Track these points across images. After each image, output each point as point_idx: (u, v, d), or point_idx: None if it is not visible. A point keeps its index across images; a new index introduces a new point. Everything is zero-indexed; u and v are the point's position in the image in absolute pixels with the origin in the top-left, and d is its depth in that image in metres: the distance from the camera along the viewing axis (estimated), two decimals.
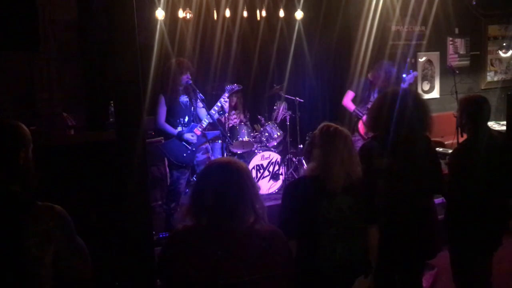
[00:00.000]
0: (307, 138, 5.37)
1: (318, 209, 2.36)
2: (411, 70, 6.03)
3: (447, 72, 7.35)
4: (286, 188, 2.58)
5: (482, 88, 8.24)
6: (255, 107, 7.09)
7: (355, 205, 2.40)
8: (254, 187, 1.94)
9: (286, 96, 6.52)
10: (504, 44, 8.26)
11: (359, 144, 5.64)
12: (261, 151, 5.98)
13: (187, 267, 1.82)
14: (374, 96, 5.64)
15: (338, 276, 2.40)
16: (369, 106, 5.67)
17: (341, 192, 2.38)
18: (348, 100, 5.76)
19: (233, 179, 1.88)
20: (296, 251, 2.35)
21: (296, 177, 6.26)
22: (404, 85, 5.60)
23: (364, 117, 5.50)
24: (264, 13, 6.72)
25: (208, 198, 1.86)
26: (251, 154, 5.95)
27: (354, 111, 5.68)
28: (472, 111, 3.05)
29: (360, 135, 5.68)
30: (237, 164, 1.95)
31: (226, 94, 4.99)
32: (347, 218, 2.38)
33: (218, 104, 4.89)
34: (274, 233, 1.95)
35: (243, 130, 6.06)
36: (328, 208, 2.36)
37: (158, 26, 5.89)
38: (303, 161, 6.07)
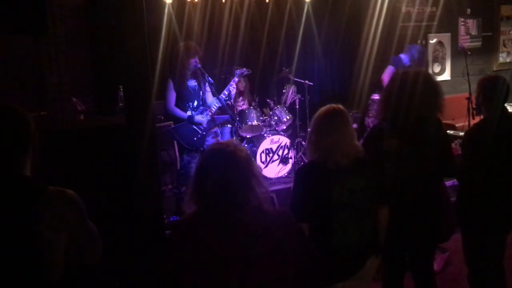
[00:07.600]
0: None
1: (330, 192, 2.35)
2: None
3: (458, 53, 7.26)
4: (297, 173, 2.58)
5: (494, 69, 8.13)
6: (264, 91, 7.06)
7: (367, 186, 2.40)
8: (254, 171, 1.89)
9: (295, 79, 6.48)
10: None
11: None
12: (270, 135, 5.96)
13: (195, 251, 1.82)
14: None
15: (350, 257, 2.41)
16: None
17: (352, 174, 2.37)
18: (387, 76, 5.49)
19: (231, 165, 1.85)
20: (308, 233, 2.36)
21: (306, 160, 6.26)
22: None
23: None
24: None
25: (208, 185, 1.86)
26: (260, 138, 5.94)
27: None
28: (489, 90, 3.01)
29: None
30: (235, 148, 1.91)
31: (236, 78, 4.96)
32: (359, 199, 2.38)
33: (229, 88, 4.87)
34: (281, 213, 1.95)
35: (252, 114, 6.03)
36: (341, 190, 2.36)
37: (166, 9, 5.86)
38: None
